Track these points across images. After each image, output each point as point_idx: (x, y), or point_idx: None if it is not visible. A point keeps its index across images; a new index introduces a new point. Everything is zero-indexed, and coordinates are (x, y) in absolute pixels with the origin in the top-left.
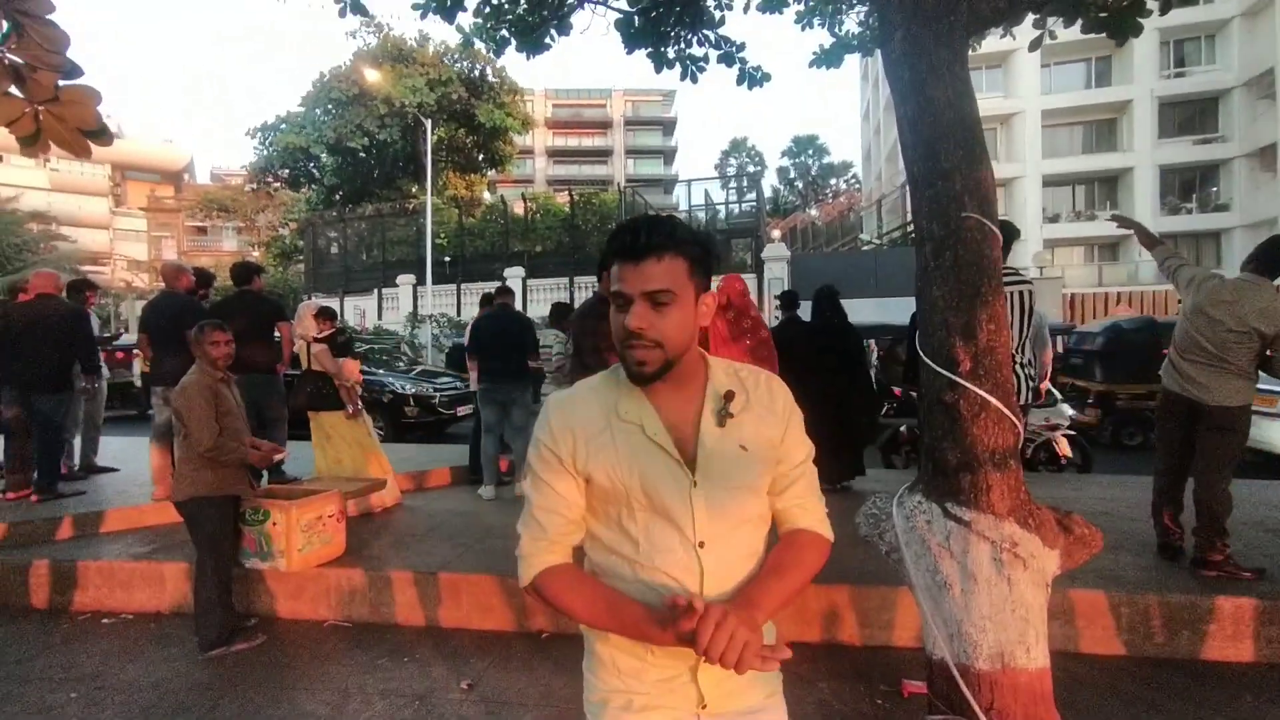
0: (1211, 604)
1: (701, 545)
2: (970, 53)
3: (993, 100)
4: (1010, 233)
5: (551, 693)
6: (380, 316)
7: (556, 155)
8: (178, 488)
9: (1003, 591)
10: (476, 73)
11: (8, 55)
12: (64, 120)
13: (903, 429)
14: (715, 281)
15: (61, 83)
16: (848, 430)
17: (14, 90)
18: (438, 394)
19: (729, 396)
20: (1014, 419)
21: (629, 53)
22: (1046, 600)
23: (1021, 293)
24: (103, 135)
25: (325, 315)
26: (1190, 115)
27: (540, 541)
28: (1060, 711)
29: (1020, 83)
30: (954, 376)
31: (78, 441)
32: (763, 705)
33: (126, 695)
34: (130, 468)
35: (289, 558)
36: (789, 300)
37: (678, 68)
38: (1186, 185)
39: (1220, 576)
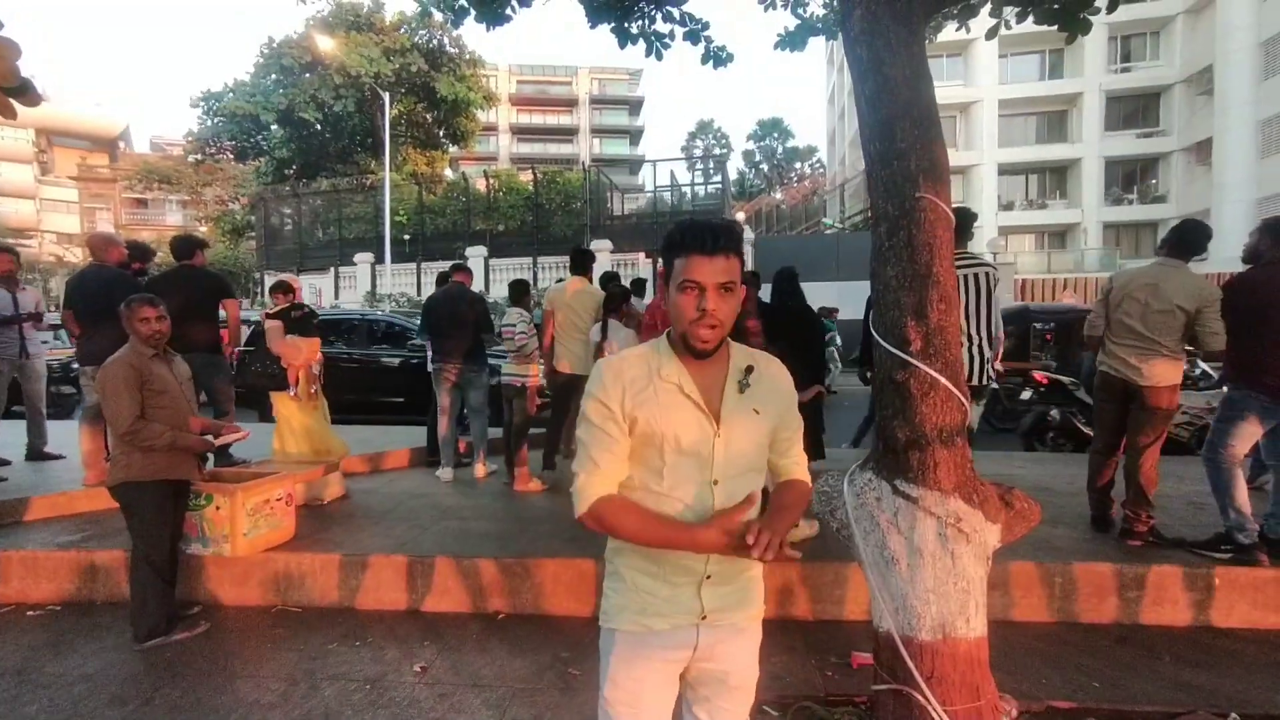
0: (1136, 572)
1: (716, 482)
2: (932, 41)
3: (952, 88)
4: (967, 217)
5: (507, 673)
6: (337, 296)
7: (521, 133)
8: (110, 472)
9: (946, 565)
10: (435, 43)
11: None
12: None
13: (1052, 413)
14: None
15: None
16: (808, 413)
17: None
18: None
19: (749, 370)
20: (962, 398)
21: (592, 27)
22: (987, 572)
23: (978, 275)
24: (27, 93)
25: (279, 289)
26: (1134, 109)
27: (595, 475)
28: (996, 675)
29: (979, 72)
30: (905, 356)
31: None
32: (746, 626)
33: (55, 689)
34: (74, 453)
35: (234, 543)
36: (749, 281)
37: (642, 44)
38: (1129, 177)
39: (1144, 546)
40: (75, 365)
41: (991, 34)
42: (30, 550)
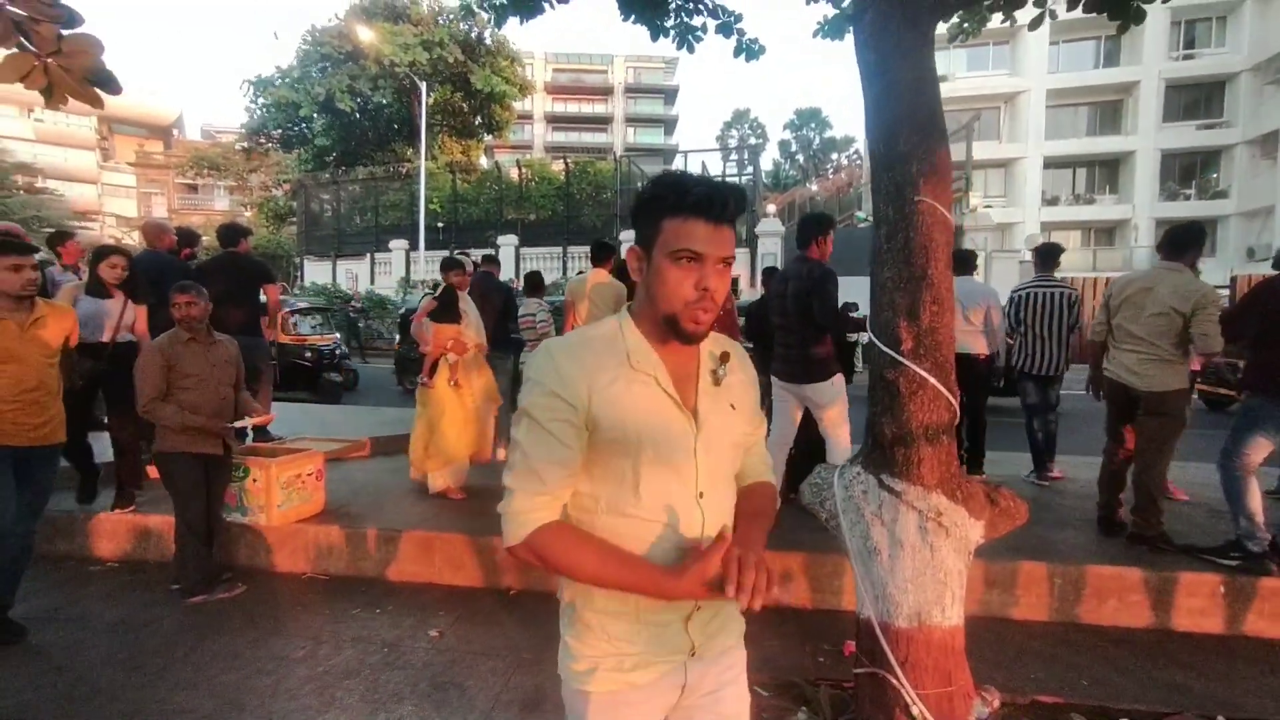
0: (1139, 576)
1: (702, 495)
2: (976, 34)
3: (998, 78)
4: (967, 260)
5: (515, 645)
6: (373, 281)
7: (555, 122)
8: (157, 442)
9: (925, 557)
10: (473, 35)
11: (8, 8)
12: (71, 71)
13: None
14: None
15: (64, 32)
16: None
17: (20, 45)
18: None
19: (724, 358)
20: (950, 397)
21: (625, 19)
22: (967, 566)
23: (1063, 293)
24: (110, 84)
25: (448, 265)
26: (1196, 99)
27: (538, 496)
28: (985, 669)
29: (1028, 60)
30: (895, 355)
31: None
32: (734, 645)
33: (112, 636)
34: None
35: (269, 513)
36: (768, 276)
37: (674, 37)
38: (1187, 171)
39: (1151, 551)
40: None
41: (1035, 24)
42: (93, 513)
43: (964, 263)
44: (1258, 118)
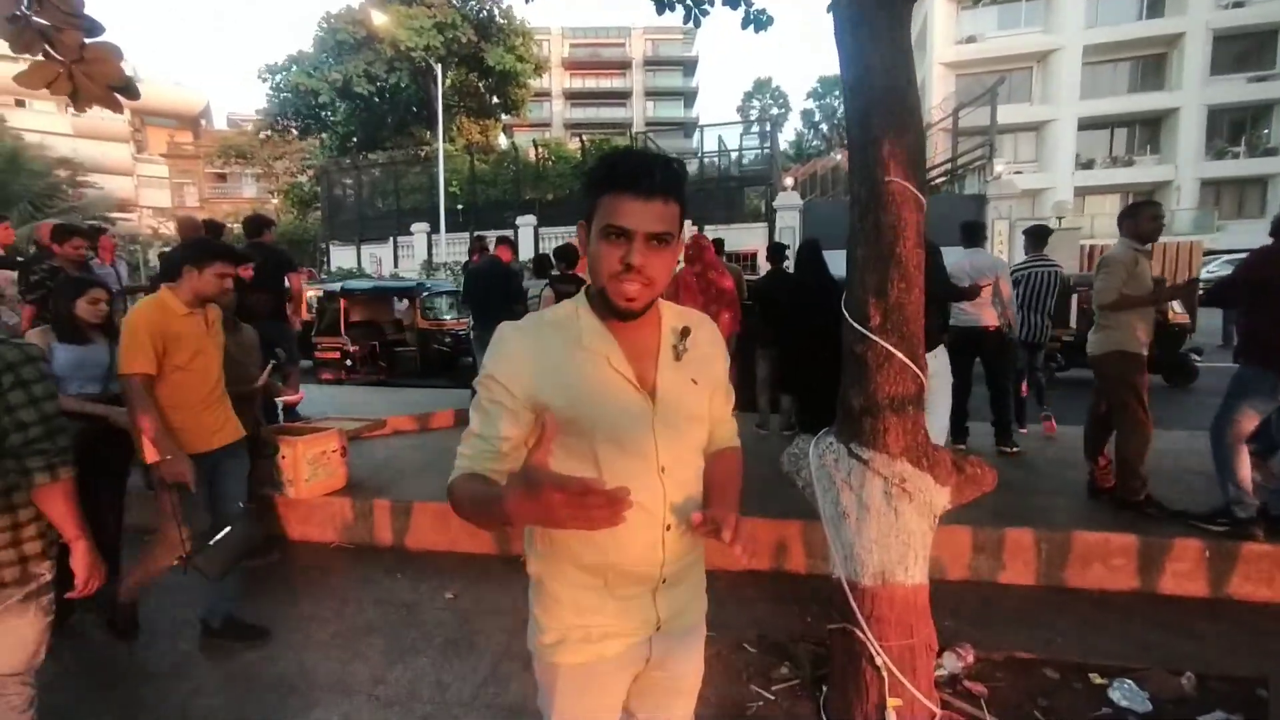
0: (1124, 541)
1: (663, 470)
2: None
3: (1030, 36)
4: (976, 231)
5: (520, 605)
6: (396, 264)
7: (574, 98)
8: None
9: (889, 520)
10: (485, 14)
11: (34, 19)
12: (94, 78)
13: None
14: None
15: (86, 41)
16: (828, 382)
17: (45, 54)
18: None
19: (685, 332)
20: (917, 370)
21: None
22: (931, 529)
23: (1048, 271)
24: (129, 90)
25: (563, 255)
26: (1247, 50)
27: (463, 459)
28: (967, 628)
29: (1063, 15)
30: (864, 330)
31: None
32: (697, 623)
33: (161, 596)
34: None
35: (297, 487)
36: (775, 253)
37: (680, 10)
38: (1236, 127)
39: (1141, 517)
40: None
41: None
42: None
43: (973, 234)
44: None
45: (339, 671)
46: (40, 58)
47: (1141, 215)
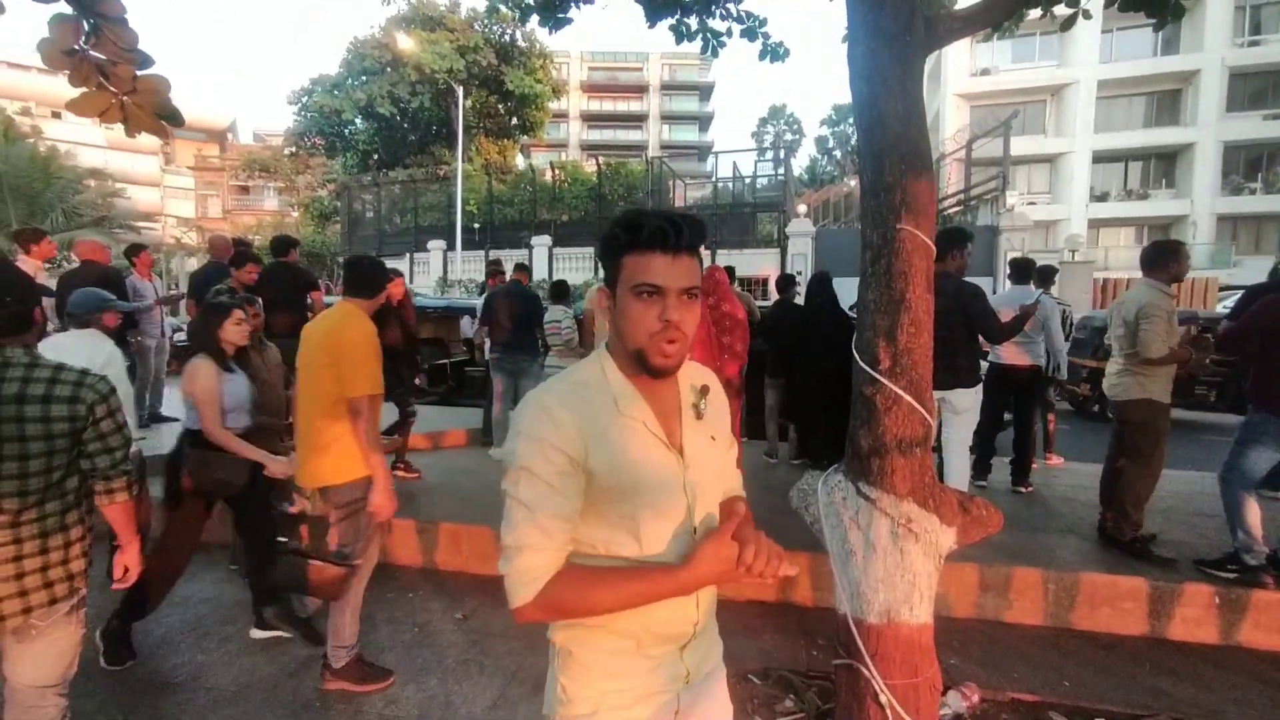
0: (1133, 584)
1: (696, 530)
2: (1013, 32)
3: (1044, 70)
4: (1026, 269)
5: (529, 628)
6: (411, 280)
7: (591, 120)
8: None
9: (895, 559)
10: (506, 38)
11: (91, 53)
12: (143, 107)
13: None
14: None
15: (138, 73)
16: (835, 414)
17: (101, 84)
18: None
19: (704, 391)
20: (924, 413)
21: (651, 26)
22: (937, 568)
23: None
24: (175, 117)
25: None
26: (1263, 88)
27: (542, 553)
28: (971, 667)
29: (1077, 50)
30: (874, 373)
31: (147, 395)
32: (717, 665)
33: (185, 608)
34: None
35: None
36: (784, 283)
37: (699, 41)
38: (1253, 164)
39: (1129, 556)
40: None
41: (1068, 24)
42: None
43: (1022, 272)
44: None
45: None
46: (93, 89)
47: (1179, 257)
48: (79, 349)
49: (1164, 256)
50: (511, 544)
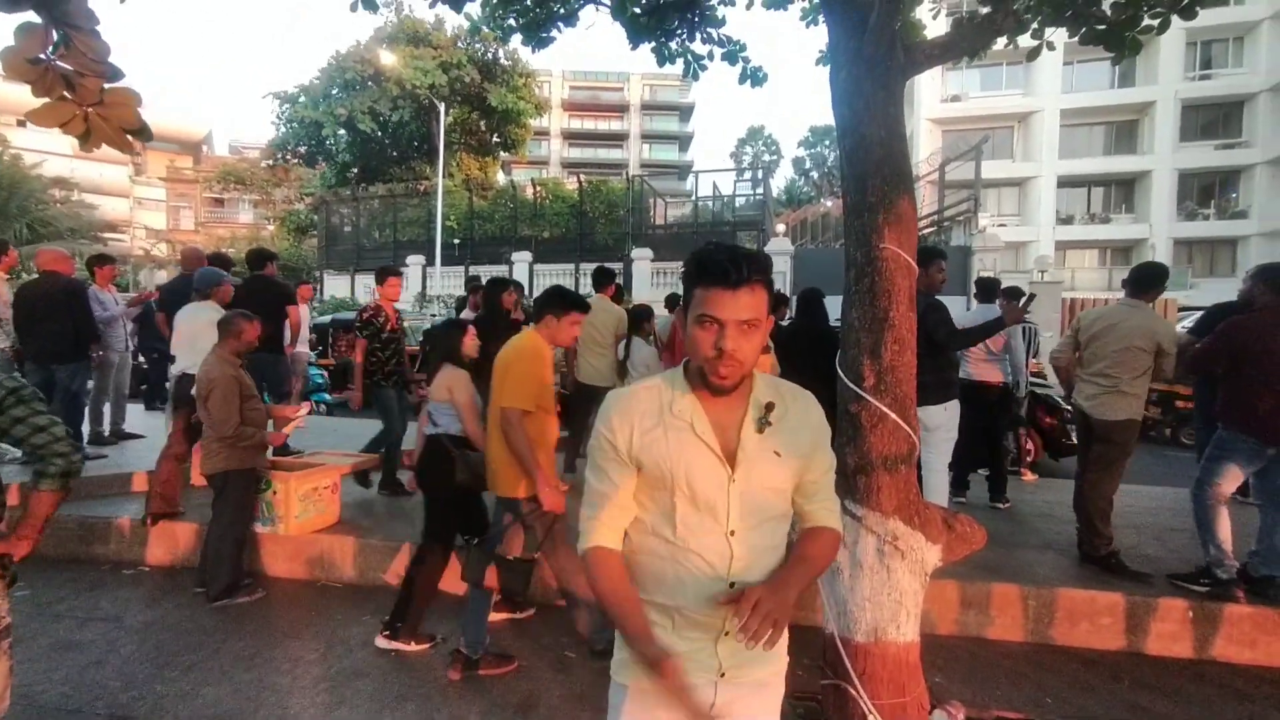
0: (1110, 600)
1: (732, 533)
2: (981, 58)
3: (1011, 98)
4: (991, 288)
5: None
6: None
7: (572, 138)
8: (208, 462)
9: (882, 578)
10: (489, 56)
11: (58, 63)
12: (109, 120)
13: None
14: None
15: (105, 85)
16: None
17: (65, 95)
18: None
19: (769, 407)
20: (909, 431)
21: (633, 47)
22: (923, 586)
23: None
24: (143, 133)
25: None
26: (1213, 119)
27: (592, 521)
28: (955, 685)
29: (1041, 80)
30: (859, 390)
31: (107, 409)
32: (768, 680)
33: (145, 635)
34: (155, 435)
35: (287, 523)
36: (780, 303)
37: (681, 63)
38: (1206, 190)
39: (1106, 572)
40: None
41: (1033, 55)
42: (127, 518)
43: (987, 290)
44: (1277, 137)
45: (325, 719)
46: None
47: (1163, 279)
48: (201, 314)
49: (1157, 280)
50: (584, 505)
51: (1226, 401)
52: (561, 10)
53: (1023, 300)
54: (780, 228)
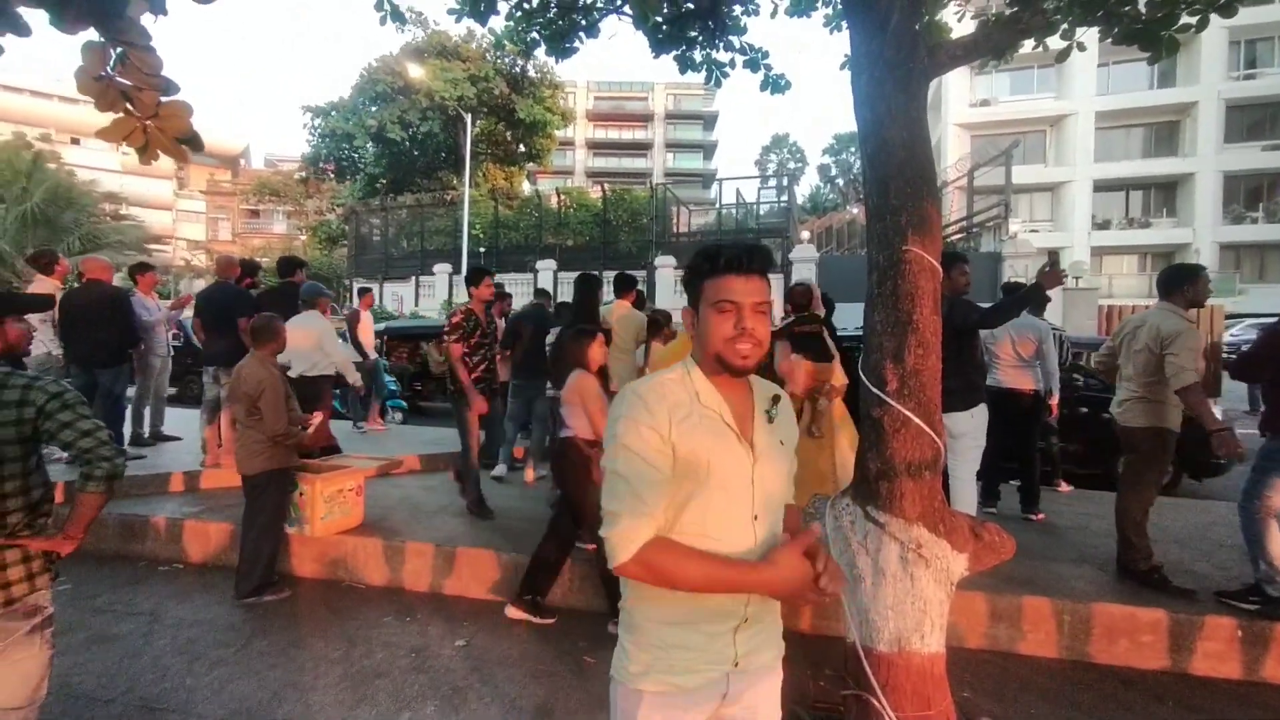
0: (1152, 617)
1: (756, 518)
2: (1008, 61)
3: (1043, 101)
4: (955, 258)
5: (531, 657)
6: (417, 303)
7: (596, 147)
8: (249, 462)
9: (905, 586)
10: (518, 69)
11: (117, 79)
12: (165, 131)
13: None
14: None
15: (162, 99)
16: None
17: (127, 109)
18: None
19: (776, 399)
20: (934, 436)
21: (655, 57)
22: (949, 595)
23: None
24: (195, 142)
25: (796, 298)
26: (1259, 119)
27: (642, 518)
28: (985, 700)
29: (1075, 82)
30: (882, 395)
31: (147, 412)
32: (772, 665)
33: (178, 630)
34: (191, 438)
35: (313, 525)
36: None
37: (704, 71)
38: (1253, 193)
39: (1144, 587)
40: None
41: (1062, 56)
42: (163, 517)
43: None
44: None
45: (345, 717)
46: (120, 114)
47: (1196, 281)
48: (310, 323)
49: (1181, 280)
50: (613, 510)
51: (1272, 409)
52: (584, 21)
53: (1048, 265)
54: (805, 234)
